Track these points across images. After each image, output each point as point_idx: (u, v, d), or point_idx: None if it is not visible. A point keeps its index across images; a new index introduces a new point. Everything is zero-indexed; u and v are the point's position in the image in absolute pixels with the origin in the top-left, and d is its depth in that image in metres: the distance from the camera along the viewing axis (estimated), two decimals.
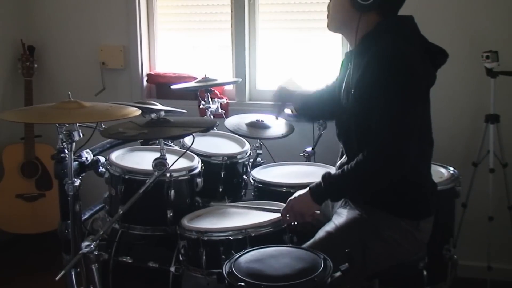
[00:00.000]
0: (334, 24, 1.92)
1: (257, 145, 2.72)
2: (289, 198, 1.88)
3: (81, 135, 1.83)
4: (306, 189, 1.84)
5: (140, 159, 2.21)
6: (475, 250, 2.94)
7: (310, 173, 2.43)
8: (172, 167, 1.87)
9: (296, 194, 1.87)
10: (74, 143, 1.82)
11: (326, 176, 1.80)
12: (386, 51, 1.73)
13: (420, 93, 1.75)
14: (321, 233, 1.86)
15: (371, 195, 1.83)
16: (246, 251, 1.67)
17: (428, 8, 2.90)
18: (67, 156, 1.84)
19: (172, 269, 2.06)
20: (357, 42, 1.85)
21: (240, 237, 1.85)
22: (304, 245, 1.78)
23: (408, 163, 1.69)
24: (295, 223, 1.88)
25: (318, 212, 1.85)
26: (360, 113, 1.79)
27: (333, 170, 2.05)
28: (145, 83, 3.53)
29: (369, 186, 1.76)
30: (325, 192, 1.79)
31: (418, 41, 1.82)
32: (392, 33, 1.79)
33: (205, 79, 2.81)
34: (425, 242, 1.91)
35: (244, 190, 2.47)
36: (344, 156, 1.96)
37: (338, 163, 2.01)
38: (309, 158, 2.81)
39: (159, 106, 2.34)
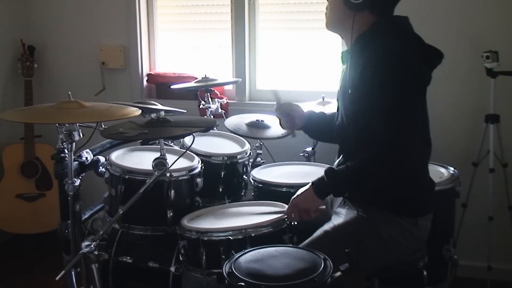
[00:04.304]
0: (330, 23, 1.93)
1: (257, 145, 2.72)
2: (292, 197, 1.88)
3: (81, 135, 1.83)
4: (308, 185, 1.84)
5: (140, 159, 2.21)
6: (475, 250, 2.94)
7: (310, 173, 2.43)
8: (172, 167, 1.87)
9: (299, 192, 1.87)
10: (74, 143, 1.82)
11: (330, 171, 1.80)
12: (384, 51, 1.74)
13: (418, 91, 1.76)
14: (319, 232, 1.86)
15: (370, 193, 1.83)
16: (246, 251, 1.67)
17: (428, 9, 2.90)
18: (67, 156, 1.84)
19: (172, 269, 2.06)
20: (353, 41, 1.85)
21: (240, 237, 1.85)
22: (302, 244, 1.79)
23: (412, 161, 1.69)
24: (298, 220, 1.88)
25: (324, 207, 1.86)
26: (358, 112, 1.79)
27: None
28: (145, 83, 3.54)
29: (372, 183, 1.76)
30: (328, 186, 1.79)
31: (413, 41, 1.83)
32: (388, 33, 1.79)
33: (205, 79, 2.81)
34: (423, 239, 1.92)
35: (244, 190, 2.47)
36: (342, 155, 1.96)
37: (336, 162, 2.01)
38: (309, 158, 2.81)
39: (159, 106, 2.34)
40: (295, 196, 1.88)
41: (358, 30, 1.83)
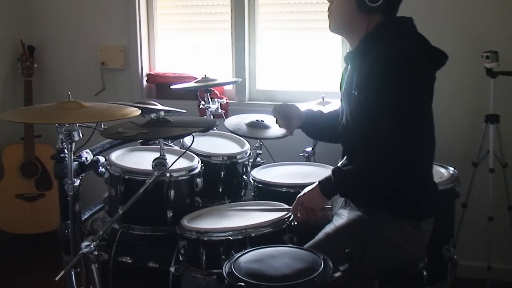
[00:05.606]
0: (337, 25, 1.91)
1: (257, 145, 2.71)
2: (298, 195, 1.87)
3: (81, 135, 1.83)
4: (315, 184, 1.83)
5: (140, 159, 2.21)
6: (475, 250, 2.94)
7: (310, 173, 2.43)
8: (172, 167, 1.87)
9: (305, 190, 1.86)
10: (74, 143, 1.82)
11: (337, 171, 1.79)
12: (390, 52, 1.73)
13: (424, 92, 1.76)
14: (321, 234, 1.86)
15: (375, 194, 1.82)
16: (246, 251, 1.67)
17: (428, 8, 2.90)
18: (67, 156, 1.84)
19: (172, 269, 2.06)
20: (358, 43, 1.85)
21: (240, 237, 1.85)
22: (304, 246, 1.78)
23: (418, 161, 1.70)
24: (304, 219, 1.87)
25: (330, 206, 1.85)
26: (364, 114, 1.78)
27: None
28: (145, 83, 3.53)
29: (379, 184, 1.75)
30: (335, 186, 1.78)
31: (418, 41, 1.83)
32: (394, 34, 1.79)
33: (205, 79, 2.81)
34: (425, 243, 1.91)
35: (244, 190, 2.47)
36: (345, 157, 1.96)
37: (339, 164, 2.01)
38: (309, 158, 2.81)
39: (159, 106, 2.34)
40: (301, 194, 1.86)
41: (363, 32, 1.83)
